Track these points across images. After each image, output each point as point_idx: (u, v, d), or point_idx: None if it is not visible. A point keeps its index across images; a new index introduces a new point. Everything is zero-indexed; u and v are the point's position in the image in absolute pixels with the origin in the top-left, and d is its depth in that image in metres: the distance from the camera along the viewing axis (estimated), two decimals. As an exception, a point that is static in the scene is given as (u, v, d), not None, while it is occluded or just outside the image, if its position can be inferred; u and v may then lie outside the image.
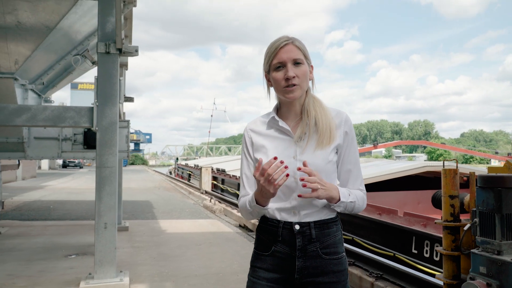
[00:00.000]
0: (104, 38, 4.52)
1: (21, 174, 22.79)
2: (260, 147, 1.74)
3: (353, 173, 1.76)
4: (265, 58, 1.74)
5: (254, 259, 1.75)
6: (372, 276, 4.62)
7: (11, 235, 7.45)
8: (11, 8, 4.64)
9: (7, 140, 5.74)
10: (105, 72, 4.54)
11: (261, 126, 1.78)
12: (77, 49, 6.11)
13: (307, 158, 1.66)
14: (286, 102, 1.74)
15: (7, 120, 4.35)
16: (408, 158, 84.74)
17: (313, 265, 1.65)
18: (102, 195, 4.55)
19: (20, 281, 4.79)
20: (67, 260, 5.79)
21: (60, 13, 4.83)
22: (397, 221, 6.82)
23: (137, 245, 6.78)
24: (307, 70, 1.71)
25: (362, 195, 1.75)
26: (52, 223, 8.90)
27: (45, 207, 11.69)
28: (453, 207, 3.34)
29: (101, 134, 4.53)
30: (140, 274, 5.14)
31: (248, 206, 1.70)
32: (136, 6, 7.13)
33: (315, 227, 1.67)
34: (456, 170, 3.36)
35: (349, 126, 1.76)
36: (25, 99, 5.66)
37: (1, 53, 4.98)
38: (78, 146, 6.04)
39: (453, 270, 3.30)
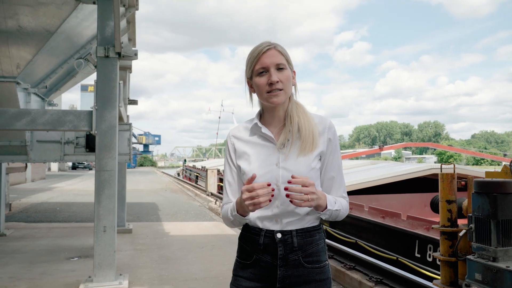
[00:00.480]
0: (103, 42, 4.54)
1: (31, 176, 23.02)
2: (243, 154, 1.72)
3: (336, 180, 1.74)
4: (247, 64, 1.72)
5: (236, 267, 1.74)
6: (372, 280, 4.57)
7: (15, 237, 7.52)
8: (12, 13, 4.69)
9: (10, 144, 5.80)
10: (104, 76, 4.56)
11: (244, 132, 1.77)
12: (79, 53, 6.16)
13: (290, 165, 1.64)
14: (269, 109, 1.73)
15: (8, 124, 4.39)
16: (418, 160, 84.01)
17: (295, 274, 1.63)
18: (101, 198, 4.57)
19: (21, 284, 4.83)
20: (69, 263, 5.83)
21: (61, 17, 4.86)
22: (400, 224, 6.77)
23: (140, 247, 6.80)
24: (290, 75, 1.70)
25: (345, 202, 1.73)
26: (57, 225, 8.97)
27: (52, 209, 11.79)
28: (450, 212, 3.30)
29: (100, 138, 4.55)
30: (140, 277, 5.15)
31: (229, 214, 1.68)
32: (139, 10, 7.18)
33: (297, 236, 1.64)
34: (453, 175, 3.32)
35: (333, 133, 1.73)
36: (28, 102, 5.71)
37: (3, 57, 5.03)
38: (80, 149, 6.08)
39: (450, 276, 3.26)
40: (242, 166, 1.70)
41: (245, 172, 1.69)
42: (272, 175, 1.64)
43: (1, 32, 4.82)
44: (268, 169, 1.65)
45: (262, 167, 1.66)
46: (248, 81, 1.74)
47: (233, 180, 1.76)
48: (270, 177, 1.64)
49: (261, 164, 1.67)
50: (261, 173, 1.65)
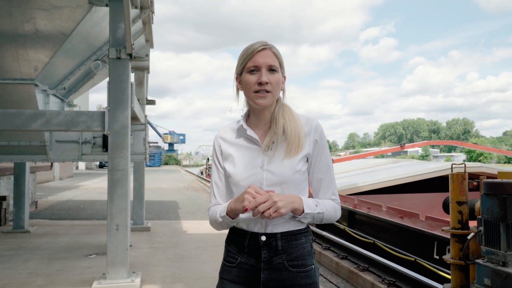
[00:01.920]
0: (115, 44, 4.62)
1: (59, 174, 23.69)
2: (228, 156, 1.72)
3: (324, 181, 1.71)
4: (239, 60, 1.69)
5: (222, 270, 1.74)
6: (385, 282, 4.49)
7: (38, 234, 7.75)
8: (29, 17, 4.82)
9: (31, 144, 5.97)
10: (116, 77, 4.64)
11: (230, 134, 1.76)
12: (96, 55, 6.28)
13: (274, 168, 1.63)
14: (256, 110, 1.71)
15: (24, 125, 4.52)
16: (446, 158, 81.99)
17: (280, 278, 1.61)
18: (114, 197, 4.65)
19: (38, 280, 4.97)
20: (86, 260, 5.96)
21: (75, 20, 4.97)
22: (418, 225, 6.61)
23: (156, 245, 6.89)
24: (280, 78, 1.68)
25: (333, 205, 1.69)
26: (79, 223, 9.20)
27: (76, 207, 12.09)
28: (461, 213, 3.19)
29: (112, 138, 4.63)
30: (153, 275, 5.22)
31: (218, 216, 1.67)
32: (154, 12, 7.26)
33: (282, 239, 1.62)
34: (464, 175, 3.21)
35: (319, 133, 1.70)
36: (47, 103, 5.86)
37: (22, 60, 5.18)
38: (97, 148, 6.21)
39: (461, 280, 3.16)
40: (227, 168, 1.70)
41: (230, 174, 1.68)
42: (256, 178, 1.63)
43: (19, 35, 4.96)
44: (253, 172, 1.64)
45: (247, 170, 1.65)
46: (237, 76, 1.72)
47: (220, 181, 1.75)
48: (254, 180, 1.63)
49: (246, 166, 1.66)
50: (246, 176, 1.64)
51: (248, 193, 1.51)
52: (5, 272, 5.26)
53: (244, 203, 1.50)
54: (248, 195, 1.51)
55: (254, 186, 1.55)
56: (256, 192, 1.51)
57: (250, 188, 1.53)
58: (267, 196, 1.49)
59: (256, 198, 1.49)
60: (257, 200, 1.48)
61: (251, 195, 1.50)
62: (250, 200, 1.49)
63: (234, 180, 1.66)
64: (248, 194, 1.51)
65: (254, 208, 1.49)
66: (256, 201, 1.49)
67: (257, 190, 1.52)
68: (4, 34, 4.92)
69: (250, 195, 1.50)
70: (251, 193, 1.51)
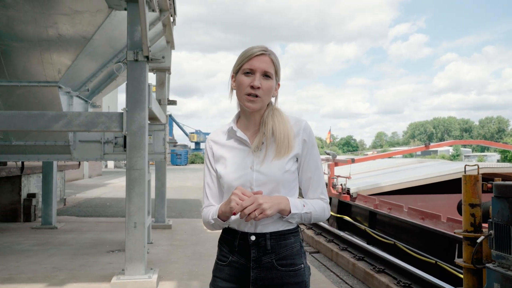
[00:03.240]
0: (132, 46, 4.74)
1: (88, 173, 24.38)
2: (220, 158, 1.77)
3: (313, 181, 1.74)
4: (237, 60, 1.73)
5: (215, 268, 1.79)
6: (400, 285, 4.45)
7: (65, 230, 8.03)
8: (52, 22, 5.02)
9: (56, 143, 6.21)
10: (134, 79, 4.77)
11: (221, 136, 1.81)
12: (117, 57, 6.46)
13: (263, 169, 1.67)
14: (246, 113, 1.76)
15: (47, 125, 4.72)
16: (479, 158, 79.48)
17: (269, 277, 1.65)
18: (132, 196, 4.78)
19: (61, 274, 5.17)
20: (108, 256, 6.15)
21: (96, 24, 5.14)
22: (440, 226, 6.49)
23: (176, 243, 7.03)
24: (273, 86, 1.72)
25: (322, 204, 1.72)
26: (104, 220, 9.47)
27: (102, 204, 12.44)
28: (473, 216, 3.14)
29: (130, 138, 4.76)
30: (170, 272, 5.34)
31: (210, 218, 1.73)
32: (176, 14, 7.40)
33: (271, 238, 1.66)
34: (477, 176, 3.15)
35: (308, 133, 1.74)
36: (70, 105, 6.07)
37: (46, 64, 5.39)
38: (119, 148, 6.38)
39: (473, 284, 3.10)
40: (218, 169, 1.75)
41: (221, 175, 1.73)
42: (246, 178, 1.67)
43: (43, 40, 5.17)
44: (243, 173, 1.69)
45: (237, 171, 1.70)
46: (232, 75, 1.77)
47: (212, 183, 1.81)
48: (244, 180, 1.67)
49: (236, 167, 1.71)
50: (236, 177, 1.69)
51: (235, 195, 1.56)
52: (31, 266, 5.50)
53: (231, 204, 1.55)
54: (234, 196, 1.56)
55: (240, 187, 1.59)
56: (243, 193, 1.56)
57: (236, 190, 1.58)
58: (252, 199, 1.54)
59: (242, 199, 1.54)
60: (243, 203, 1.53)
61: (238, 197, 1.55)
62: (237, 202, 1.54)
63: (225, 181, 1.71)
64: (235, 195, 1.56)
65: (241, 211, 1.54)
66: (242, 204, 1.53)
67: (244, 191, 1.57)
68: (29, 39, 5.13)
69: (236, 197, 1.55)
70: (237, 194, 1.56)
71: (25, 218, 8.97)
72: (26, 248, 6.50)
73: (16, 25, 5.02)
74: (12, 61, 5.37)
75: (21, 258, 5.89)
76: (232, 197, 1.56)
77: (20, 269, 5.36)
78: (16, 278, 4.99)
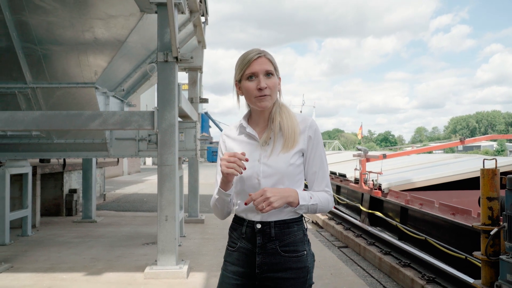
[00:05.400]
0: (162, 48, 4.97)
1: (127, 169, 25.23)
2: (231, 151, 1.92)
3: (318, 175, 1.87)
4: (237, 69, 1.88)
5: (225, 253, 1.95)
6: (424, 278, 4.46)
7: (104, 224, 8.46)
8: (88, 26, 5.33)
9: (93, 141, 6.57)
10: (164, 79, 5.00)
11: (233, 131, 1.97)
12: (151, 58, 6.74)
13: (270, 161, 1.81)
14: (256, 111, 1.90)
15: (84, 124, 5.03)
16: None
17: (272, 262, 1.79)
18: (163, 190, 5.02)
19: (99, 264, 5.50)
20: (143, 248, 6.46)
21: (129, 27, 5.41)
22: (470, 222, 6.39)
23: (207, 237, 7.27)
24: (276, 81, 1.86)
25: (326, 196, 1.85)
26: (141, 214, 9.87)
27: (140, 200, 12.92)
28: (491, 209, 3.14)
29: (161, 136, 5.00)
30: (201, 263, 5.56)
31: (215, 194, 1.89)
32: (208, 13, 7.61)
33: (275, 226, 1.80)
34: (495, 170, 3.16)
35: (313, 130, 1.86)
36: (107, 105, 6.41)
37: (83, 66, 5.73)
38: (152, 145, 6.67)
39: (490, 276, 3.12)
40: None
41: None
42: (254, 170, 1.82)
43: (81, 43, 5.49)
44: (251, 165, 1.83)
45: (246, 163, 1.84)
46: (236, 83, 1.92)
47: None
48: (252, 172, 1.82)
49: None
50: None
51: (222, 159, 1.73)
52: (72, 257, 5.87)
53: (222, 169, 1.72)
54: (222, 161, 1.72)
55: (227, 152, 1.75)
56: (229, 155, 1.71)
57: (223, 156, 1.74)
58: (261, 192, 1.69)
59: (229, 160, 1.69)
60: (253, 196, 1.69)
61: (225, 160, 1.71)
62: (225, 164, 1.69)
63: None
64: (222, 160, 1.72)
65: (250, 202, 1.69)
66: (252, 197, 1.69)
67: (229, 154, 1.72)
68: (67, 42, 5.47)
69: (224, 161, 1.71)
70: (224, 158, 1.72)
71: (67, 212, 9.49)
72: (67, 240, 6.92)
73: (55, 30, 5.36)
74: (52, 64, 5.73)
75: (62, 249, 6.30)
76: (221, 163, 1.72)
77: (61, 259, 5.74)
78: (58, 268, 5.35)
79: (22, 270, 5.21)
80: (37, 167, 8.11)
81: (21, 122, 5.03)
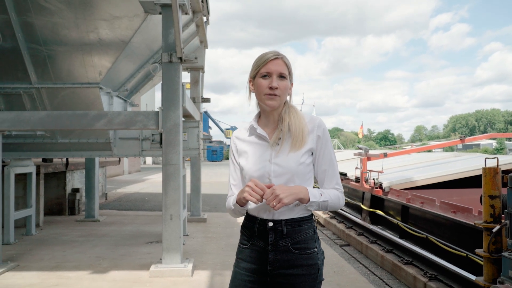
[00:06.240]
0: (167, 48, 5.02)
1: (128, 169, 25.28)
2: (243, 152, 1.98)
3: (328, 173, 1.92)
4: (254, 66, 1.94)
5: (238, 251, 2.00)
6: (426, 276, 4.52)
7: (107, 223, 8.51)
8: (93, 27, 5.38)
9: (97, 141, 6.62)
10: (168, 79, 5.05)
11: (244, 133, 2.02)
12: (153, 58, 6.80)
13: (280, 161, 1.87)
14: (266, 111, 1.96)
15: (89, 124, 5.08)
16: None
17: (284, 259, 1.85)
18: (168, 189, 5.08)
19: (104, 263, 5.55)
20: (147, 246, 6.51)
21: (133, 28, 5.46)
22: (471, 220, 6.45)
23: (210, 235, 7.33)
24: (288, 85, 1.92)
25: (337, 193, 1.90)
26: (143, 213, 9.93)
27: (141, 199, 12.97)
28: (493, 207, 3.20)
29: (166, 135, 5.05)
30: (205, 262, 5.62)
31: (231, 204, 1.95)
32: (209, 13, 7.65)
33: (287, 225, 1.86)
34: (496, 169, 3.21)
35: (322, 130, 1.92)
36: (111, 104, 6.46)
37: (88, 66, 5.78)
38: (156, 145, 6.72)
39: (492, 272, 3.18)
40: (241, 162, 1.97)
41: (243, 167, 1.94)
42: (265, 170, 1.88)
43: (85, 44, 5.54)
44: (262, 165, 1.89)
45: (257, 163, 1.90)
46: (250, 80, 1.97)
47: (236, 175, 2.02)
48: (263, 172, 1.87)
49: (256, 160, 1.91)
50: (256, 168, 1.89)
51: (248, 187, 1.77)
52: (76, 255, 5.92)
53: (244, 195, 1.78)
54: (248, 188, 1.77)
55: (254, 180, 1.80)
56: (255, 184, 1.76)
57: (250, 182, 1.79)
58: (271, 190, 1.74)
59: (255, 190, 1.75)
60: (264, 196, 1.75)
61: (251, 188, 1.76)
62: (250, 193, 1.75)
63: (247, 172, 1.92)
64: (248, 187, 1.77)
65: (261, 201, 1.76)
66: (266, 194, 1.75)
67: (257, 184, 1.77)
68: (72, 43, 5.52)
69: (249, 188, 1.76)
70: (251, 186, 1.77)
71: (69, 211, 9.54)
72: (71, 239, 6.97)
73: (60, 30, 5.41)
74: (56, 64, 5.78)
75: (67, 248, 6.35)
76: (246, 188, 1.78)
77: (66, 258, 5.80)
78: (63, 266, 5.41)
79: (28, 269, 5.26)
80: (41, 167, 8.16)
81: (28, 122, 5.08)
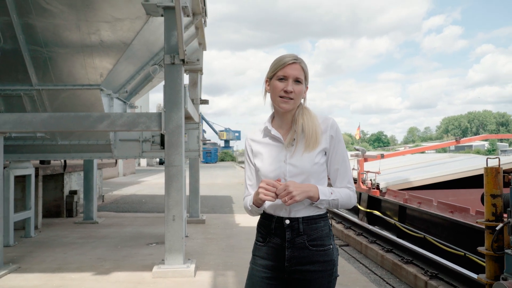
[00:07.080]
0: (169, 50, 5.05)
1: (122, 171, 25.20)
2: (258, 154, 2.02)
3: (340, 171, 1.97)
4: (272, 67, 1.98)
5: (254, 248, 2.05)
6: (427, 275, 4.59)
7: (106, 225, 8.50)
8: (95, 29, 5.40)
9: (98, 142, 6.63)
10: (171, 81, 5.08)
11: (258, 135, 2.06)
12: (153, 60, 6.82)
13: (295, 161, 1.91)
14: (280, 113, 2.00)
15: (92, 126, 5.10)
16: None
17: (301, 255, 1.90)
18: (170, 190, 5.10)
19: (106, 264, 5.56)
20: (148, 248, 6.53)
21: (135, 30, 5.48)
22: (468, 219, 6.55)
23: (210, 236, 7.36)
24: (303, 89, 1.96)
25: (348, 192, 1.95)
26: (141, 215, 9.92)
27: (138, 201, 12.96)
28: (495, 206, 3.27)
29: (168, 136, 5.08)
30: (206, 262, 5.65)
31: (248, 205, 2.01)
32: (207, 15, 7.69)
33: (303, 222, 1.91)
34: (498, 169, 3.29)
35: (335, 130, 1.97)
36: (111, 106, 6.48)
37: (89, 68, 5.79)
38: (156, 146, 6.75)
39: (494, 270, 3.24)
40: (256, 164, 2.01)
41: (259, 168, 1.99)
42: (280, 170, 1.92)
43: (87, 46, 5.56)
44: (277, 166, 1.93)
45: (272, 164, 1.95)
46: (267, 80, 2.02)
47: (251, 176, 2.07)
48: (278, 172, 1.92)
49: (272, 161, 1.96)
50: (271, 169, 1.94)
51: (261, 188, 1.83)
52: (77, 257, 5.92)
53: (259, 196, 1.83)
54: (261, 189, 1.83)
55: (265, 179, 1.86)
56: (268, 184, 1.82)
57: (261, 183, 1.84)
58: (283, 187, 1.80)
59: (268, 189, 1.81)
60: (277, 191, 1.80)
61: (264, 188, 1.82)
62: (264, 192, 1.81)
63: (263, 173, 1.97)
64: (261, 188, 1.83)
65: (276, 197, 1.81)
66: (279, 190, 1.80)
67: (268, 182, 1.83)
68: (73, 45, 5.54)
69: (262, 189, 1.82)
70: (263, 187, 1.83)
71: (67, 213, 9.51)
72: (71, 241, 6.96)
73: (61, 32, 5.42)
74: (58, 66, 5.79)
75: (67, 250, 6.34)
76: (259, 190, 1.83)
77: (67, 260, 5.79)
78: (65, 268, 5.40)
79: (30, 271, 5.26)
80: (39, 169, 8.14)
81: (29, 124, 5.08)
